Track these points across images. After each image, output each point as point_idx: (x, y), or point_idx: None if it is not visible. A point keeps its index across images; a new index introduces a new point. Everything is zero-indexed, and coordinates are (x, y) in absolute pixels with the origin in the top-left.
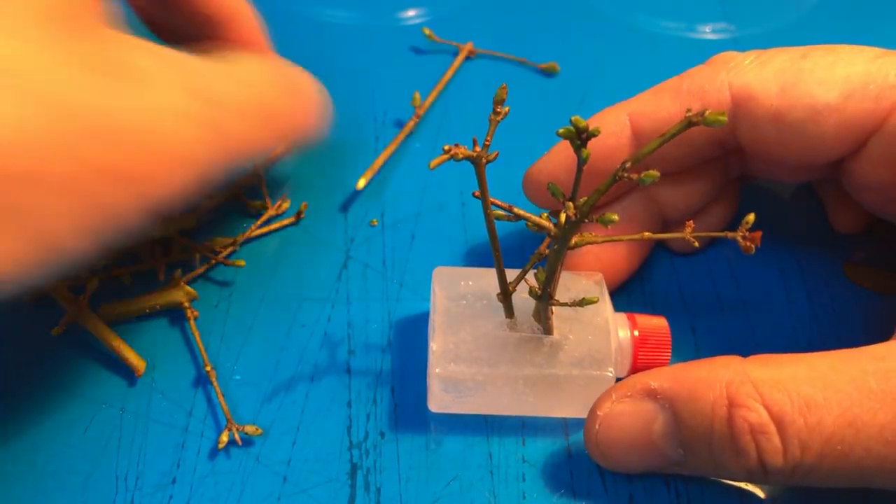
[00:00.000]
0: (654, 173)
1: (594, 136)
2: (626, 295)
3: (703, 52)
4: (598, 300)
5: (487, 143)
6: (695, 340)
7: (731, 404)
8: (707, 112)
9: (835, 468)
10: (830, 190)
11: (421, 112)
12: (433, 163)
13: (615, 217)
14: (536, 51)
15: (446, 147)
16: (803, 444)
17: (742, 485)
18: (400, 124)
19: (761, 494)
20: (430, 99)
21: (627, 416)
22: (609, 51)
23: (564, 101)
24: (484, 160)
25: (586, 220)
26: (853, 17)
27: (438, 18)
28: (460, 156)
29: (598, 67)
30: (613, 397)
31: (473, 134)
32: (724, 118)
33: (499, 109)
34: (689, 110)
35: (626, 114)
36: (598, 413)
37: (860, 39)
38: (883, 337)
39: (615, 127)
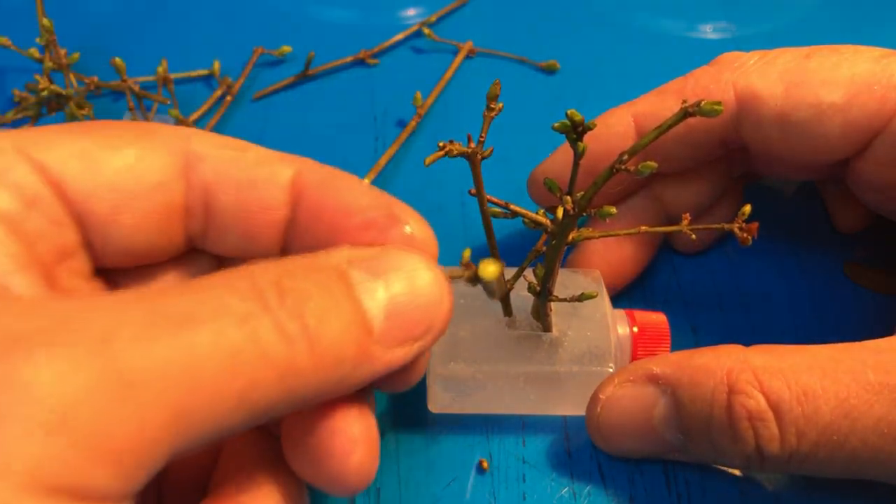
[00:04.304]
0: (652, 164)
1: (590, 129)
2: (627, 293)
3: (703, 51)
4: (596, 295)
5: (482, 139)
6: (695, 339)
7: (731, 391)
8: (703, 102)
9: (830, 457)
10: (832, 189)
11: (422, 112)
12: (428, 159)
13: (613, 210)
14: (536, 50)
15: (441, 143)
16: (800, 432)
17: (743, 485)
18: (401, 124)
19: (764, 494)
20: (430, 98)
21: (629, 400)
22: (609, 50)
23: (564, 100)
24: (479, 156)
25: (584, 214)
26: (854, 17)
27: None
28: (455, 152)
29: (598, 66)
30: (616, 382)
31: (474, 133)
32: (720, 108)
33: (493, 106)
34: (684, 101)
35: (630, 114)
36: (601, 396)
37: (861, 38)
38: (883, 337)
39: (620, 127)
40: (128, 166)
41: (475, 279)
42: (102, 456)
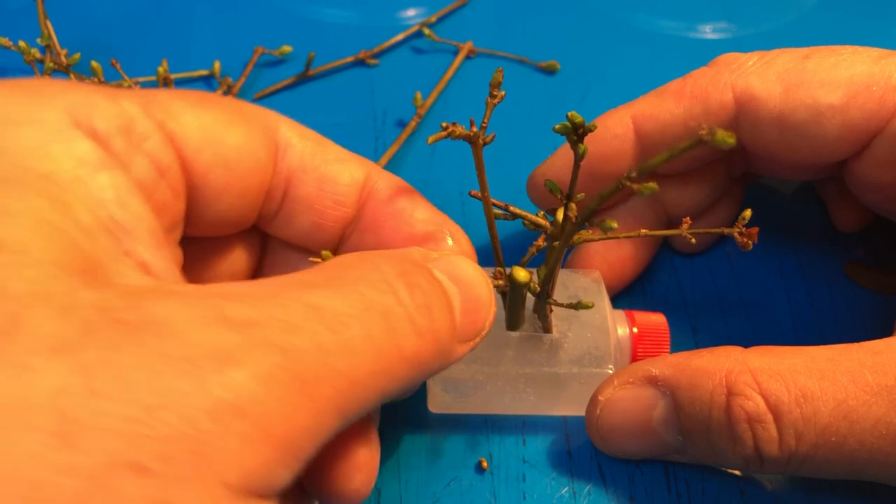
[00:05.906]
0: (653, 186)
1: (591, 131)
2: (627, 294)
3: (703, 51)
4: (592, 305)
5: (484, 124)
6: (695, 340)
7: (730, 393)
8: (717, 132)
9: (829, 459)
10: (832, 189)
11: (422, 112)
12: (431, 138)
13: (614, 224)
14: (536, 50)
15: (444, 125)
16: (798, 434)
17: (743, 485)
18: (401, 124)
19: (763, 494)
20: (430, 99)
21: (628, 401)
22: (609, 50)
23: (564, 100)
24: (481, 141)
25: (585, 225)
26: (854, 17)
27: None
28: (457, 134)
29: (598, 67)
30: (615, 383)
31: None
32: (733, 140)
33: (495, 93)
34: (702, 128)
35: (629, 116)
36: (600, 398)
37: (861, 38)
38: (883, 337)
39: (619, 129)
40: (238, 145)
41: (510, 281)
42: (288, 458)
